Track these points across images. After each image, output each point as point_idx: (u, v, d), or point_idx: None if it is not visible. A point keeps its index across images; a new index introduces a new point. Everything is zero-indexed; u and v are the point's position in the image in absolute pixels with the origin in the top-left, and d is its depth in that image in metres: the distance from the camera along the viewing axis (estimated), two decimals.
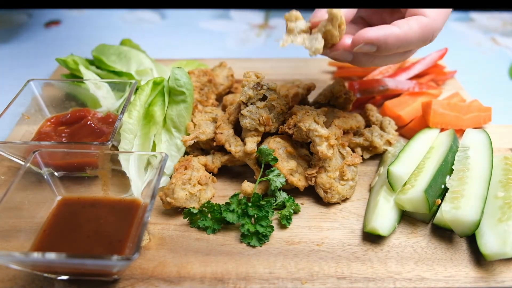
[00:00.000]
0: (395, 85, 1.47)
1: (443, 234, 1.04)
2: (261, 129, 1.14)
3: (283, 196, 1.11)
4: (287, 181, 1.11)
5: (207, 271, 0.95)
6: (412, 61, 1.66)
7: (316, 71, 1.75)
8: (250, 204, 1.05)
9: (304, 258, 0.98)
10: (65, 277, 0.92)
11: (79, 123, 1.22)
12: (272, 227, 1.04)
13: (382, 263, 0.97)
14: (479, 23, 2.28)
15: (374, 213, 1.03)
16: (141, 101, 1.20)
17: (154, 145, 1.23)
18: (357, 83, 1.47)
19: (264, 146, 1.12)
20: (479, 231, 0.97)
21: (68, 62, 1.40)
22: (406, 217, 1.09)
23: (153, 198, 0.88)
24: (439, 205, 1.05)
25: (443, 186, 1.07)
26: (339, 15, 0.92)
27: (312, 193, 1.15)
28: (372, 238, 1.03)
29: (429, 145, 1.22)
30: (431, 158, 1.16)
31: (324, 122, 1.13)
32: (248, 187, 1.10)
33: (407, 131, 1.38)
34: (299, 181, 1.12)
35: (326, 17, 0.94)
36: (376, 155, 1.29)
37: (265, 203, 1.05)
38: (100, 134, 1.19)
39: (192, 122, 1.25)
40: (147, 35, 2.12)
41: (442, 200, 1.05)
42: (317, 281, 0.93)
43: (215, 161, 1.20)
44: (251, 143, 1.13)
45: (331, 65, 1.75)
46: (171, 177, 1.11)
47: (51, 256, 0.78)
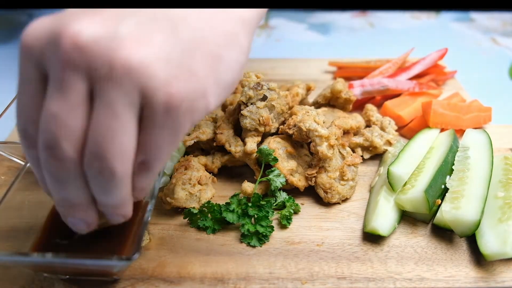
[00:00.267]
0: (395, 85, 1.47)
1: (443, 234, 1.04)
2: (261, 129, 1.14)
3: (283, 196, 1.11)
4: (287, 181, 1.11)
5: (207, 271, 0.95)
6: (412, 61, 1.66)
7: (316, 71, 1.75)
8: (250, 204, 1.05)
9: (304, 258, 0.98)
10: (65, 277, 0.92)
11: None
12: (272, 227, 1.04)
13: (382, 263, 0.97)
14: (479, 23, 2.28)
15: (374, 213, 1.03)
16: None
17: None
18: (357, 83, 1.47)
19: (264, 146, 1.12)
20: (479, 231, 0.97)
21: None
22: (406, 217, 1.09)
23: (153, 198, 0.88)
24: (439, 205, 1.05)
25: (443, 186, 1.07)
26: None
27: (312, 193, 1.15)
28: (372, 238, 1.03)
29: (429, 145, 1.22)
30: (431, 158, 1.16)
31: (324, 122, 1.13)
32: (248, 187, 1.10)
33: (407, 131, 1.38)
34: (299, 181, 1.12)
35: None
36: (376, 155, 1.29)
37: (265, 203, 1.05)
38: None
39: None
40: None
41: (442, 200, 1.05)
42: (317, 281, 0.93)
43: (215, 161, 1.20)
44: (251, 143, 1.13)
45: (332, 65, 1.75)
46: (171, 177, 1.11)
47: (51, 256, 0.78)
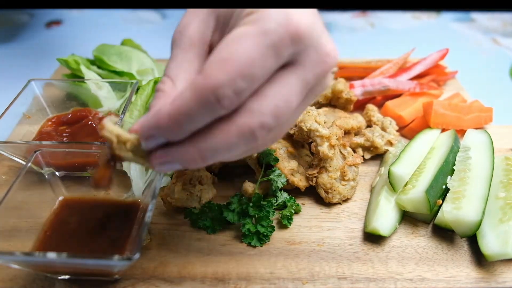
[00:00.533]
0: (396, 85, 1.47)
1: (444, 234, 1.04)
2: None
3: (284, 196, 1.11)
4: (288, 181, 1.11)
5: (208, 271, 0.95)
6: (413, 61, 1.66)
7: None
8: (251, 204, 1.05)
9: (305, 258, 0.98)
10: (66, 277, 0.92)
11: (80, 123, 1.22)
12: (273, 227, 1.04)
13: (383, 264, 0.97)
14: (479, 24, 2.28)
15: (375, 214, 1.03)
16: (142, 101, 1.20)
17: None
18: (358, 84, 1.47)
19: None
20: (480, 232, 0.97)
21: (69, 62, 1.40)
22: (407, 218, 1.09)
23: (154, 198, 0.88)
24: (440, 206, 1.05)
25: (444, 186, 1.07)
26: (111, 137, 0.68)
27: (313, 193, 1.15)
28: (373, 238, 1.03)
29: (430, 146, 1.22)
30: (432, 158, 1.16)
31: (325, 122, 1.13)
32: (249, 187, 1.10)
33: (408, 132, 1.38)
34: (300, 181, 1.12)
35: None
36: (377, 156, 1.29)
37: (266, 203, 1.05)
38: None
39: None
40: (148, 35, 2.12)
41: (443, 200, 1.05)
42: (318, 281, 0.93)
43: None
44: None
45: None
46: (172, 177, 1.11)
47: (52, 256, 0.78)
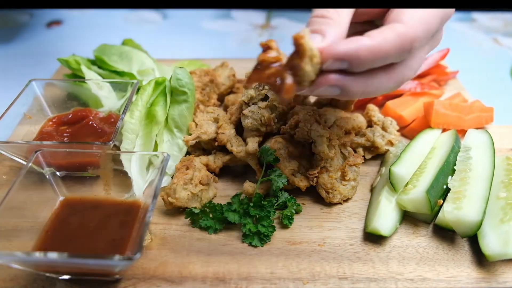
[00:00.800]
0: None
1: (445, 234, 1.04)
2: (263, 129, 1.14)
3: (284, 196, 1.11)
4: (288, 181, 1.11)
5: (209, 271, 0.95)
6: None
7: None
8: (251, 204, 1.05)
9: (305, 258, 0.98)
10: (67, 277, 0.92)
11: (81, 123, 1.23)
12: (273, 227, 1.04)
13: (383, 264, 0.97)
14: (481, 24, 2.28)
15: (375, 214, 1.03)
16: (143, 101, 1.20)
17: (156, 145, 1.23)
18: None
19: (265, 146, 1.12)
20: (481, 232, 0.97)
21: (70, 62, 1.40)
22: (407, 218, 1.09)
23: (155, 198, 0.88)
24: (441, 206, 1.05)
25: (445, 186, 1.07)
26: (308, 47, 0.73)
27: (313, 193, 1.15)
28: (373, 238, 1.03)
29: (431, 146, 1.22)
30: (433, 158, 1.16)
31: (325, 122, 1.13)
32: (249, 187, 1.10)
33: (409, 132, 1.37)
34: (300, 181, 1.12)
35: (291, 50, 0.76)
36: (377, 156, 1.29)
37: (266, 203, 1.05)
38: (102, 134, 1.19)
39: (194, 122, 1.26)
40: (148, 35, 2.12)
41: (444, 200, 1.05)
42: (319, 281, 0.93)
43: (217, 161, 1.20)
44: (253, 143, 1.13)
45: None
46: (172, 177, 1.11)
47: (53, 255, 0.78)
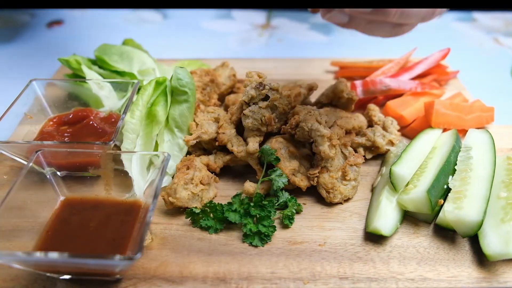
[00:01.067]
0: (398, 85, 1.47)
1: (446, 234, 1.04)
2: (263, 129, 1.14)
3: (285, 196, 1.11)
4: (289, 181, 1.11)
5: (209, 271, 0.95)
6: (414, 61, 1.66)
7: (318, 71, 1.75)
8: (252, 204, 1.05)
9: (306, 258, 0.98)
10: (67, 277, 0.92)
11: (81, 123, 1.23)
12: (274, 227, 1.04)
13: (384, 263, 0.97)
14: (481, 23, 2.27)
15: (376, 213, 1.03)
16: (143, 100, 1.20)
17: (156, 145, 1.23)
18: (359, 83, 1.47)
19: (266, 146, 1.12)
20: (482, 232, 0.97)
21: (70, 62, 1.40)
22: (408, 217, 1.09)
23: (155, 198, 0.88)
24: (442, 206, 1.05)
25: (445, 186, 1.07)
26: None
27: (314, 193, 1.15)
28: (374, 238, 1.03)
29: (432, 145, 1.22)
30: (433, 158, 1.16)
31: (326, 122, 1.13)
32: (250, 187, 1.10)
33: (410, 131, 1.37)
34: (301, 181, 1.12)
35: None
36: (378, 155, 1.29)
37: (267, 203, 1.05)
38: (102, 133, 1.19)
39: (194, 122, 1.26)
40: (149, 35, 2.12)
41: (444, 200, 1.05)
42: (319, 281, 0.93)
43: (218, 161, 1.20)
44: (254, 143, 1.13)
45: (334, 65, 1.75)
46: (173, 177, 1.11)
47: (54, 255, 0.78)
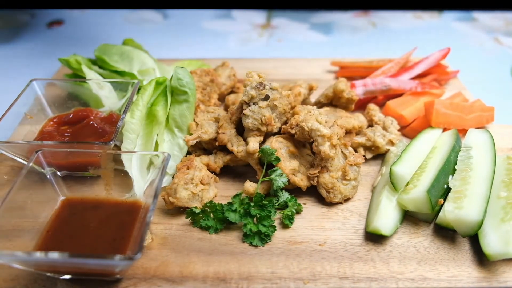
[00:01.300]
0: (398, 85, 1.47)
1: (446, 234, 1.04)
2: (264, 129, 1.14)
3: (285, 196, 1.11)
4: (289, 181, 1.11)
5: (210, 271, 0.95)
6: (414, 60, 1.66)
7: (318, 71, 1.75)
8: (252, 204, 1.05)
9: (306, 258, 0.98)
10: (67, 277, 0.93)
11: (81, 123, 1.23)
12: (274, 227, 1.04)
13: (384, 263, 0.97)
14: (482, 23, 2.27)
15: (376, 213, 1.03)
16: (143, 100, 1.20)
17: (156, 144, 1.23)
18: (359, 83, 1.47)
19: (266, 146, 1.12)
20: (482, 231, 0.97)
21: (70, 62, 1.40)
22: (408, 217, 1.08)
23: (155, 197, 0.88)
24: (442, 205, 1.04)
25: (445, 186, 1.07)
26: None
27: (314, 193, 1.15)
28: (374, 238, 1.03)
29: (432, 145, 1.22)
30: (433, 158, 1.16)
31: (326, 122, 1.13)
32: (250, 186, 1.10)
33: (410, 131, 1.37)
34: (301, 181, 1.12)
35: None
36: (378, 155, 1.29)
37: (267, 203, 1.05)
38: (102, 133, 1.19)
39: (194, 122, 1.26)
40: (149, 35, 2.13)
41: (444, 200, 1.05)
42: (320, 281, 0.93)
43: (218, 161, 1.20)
44: (254, 143, 1.13)
45: (334, 65, 1.75)
46: (173, 177, 1.11)
47: (54, 255, 0.78)
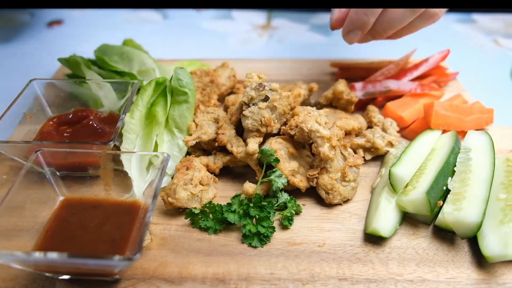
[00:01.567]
0: (397, 86, 1.47)
1: (445, 235, 1.04)
2: (263, 129, 1.14)
3: (284, 197, 1.11)
4: (288, 182, 1.11)
5: (209, 272, 0.95)
6: (414, 62, 1.66)
7: (318, 72, 1.75)
8: (251, 204, 1.05)
9: (305, 259, 0.98)
10: (66, 277, 0.92)
11: (81, 123, 1.23)
12: (273, 228, 1.04)
13: (383, 265, 0.97)
14: (481, 25, 2.28)
15: (375, 215, 1.03)
16: (143, 101, 1.21)
17: (156, 145, 1.23)
18: (359, 84, 1.47)
19: (266, 146, 1.12)
20: (481, 233, 0.97)
21: (70, 62, 1.40)
22: (407, 219, 1.09)
23: (154, 198, 0.88)
24: (441, 207, 1.04)
25: (445, 187, 1.07)
26: None
27: (313, 194, 1.15)
28: (373, 239, 1.03)
29: (431, 147, 1.22)
30: (433, 159, 1.16)
31: (326, 123, 1.13)
32: (249, 187, 1.10)
33: (409, 133, 1.37)
34: (300, 182, 1.12)
35: None
36: (377, 157, 1.29)
37: (266, 203, 1.05)
38: (102, 134, 1.19)
39: (194, 122, 1.26)
40: (149, 35, 2.13)
41: (443, 201, 1.05)
42: (318, 282, 0.93)
43: (217, 161, 1.20)
44: (253, 144, 1.13)
45: (334, 66, 1.75)
46: (173, 178, 1.11)
47: (53, 255, 0.78)
